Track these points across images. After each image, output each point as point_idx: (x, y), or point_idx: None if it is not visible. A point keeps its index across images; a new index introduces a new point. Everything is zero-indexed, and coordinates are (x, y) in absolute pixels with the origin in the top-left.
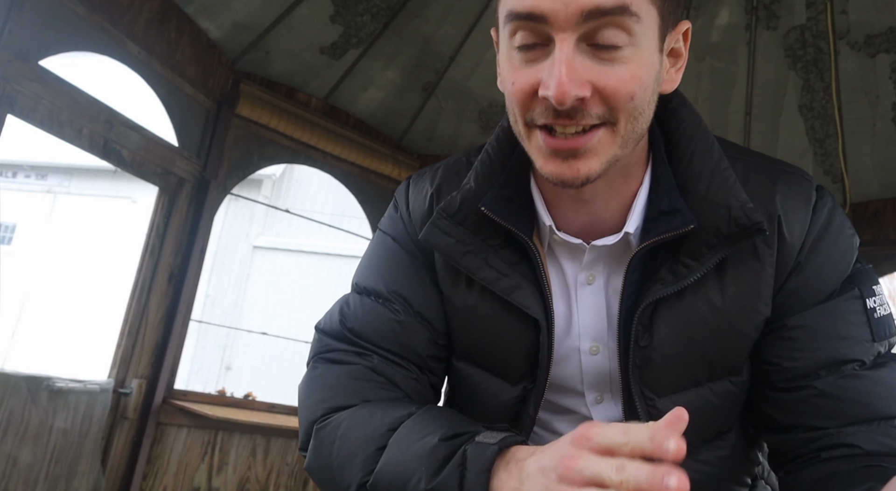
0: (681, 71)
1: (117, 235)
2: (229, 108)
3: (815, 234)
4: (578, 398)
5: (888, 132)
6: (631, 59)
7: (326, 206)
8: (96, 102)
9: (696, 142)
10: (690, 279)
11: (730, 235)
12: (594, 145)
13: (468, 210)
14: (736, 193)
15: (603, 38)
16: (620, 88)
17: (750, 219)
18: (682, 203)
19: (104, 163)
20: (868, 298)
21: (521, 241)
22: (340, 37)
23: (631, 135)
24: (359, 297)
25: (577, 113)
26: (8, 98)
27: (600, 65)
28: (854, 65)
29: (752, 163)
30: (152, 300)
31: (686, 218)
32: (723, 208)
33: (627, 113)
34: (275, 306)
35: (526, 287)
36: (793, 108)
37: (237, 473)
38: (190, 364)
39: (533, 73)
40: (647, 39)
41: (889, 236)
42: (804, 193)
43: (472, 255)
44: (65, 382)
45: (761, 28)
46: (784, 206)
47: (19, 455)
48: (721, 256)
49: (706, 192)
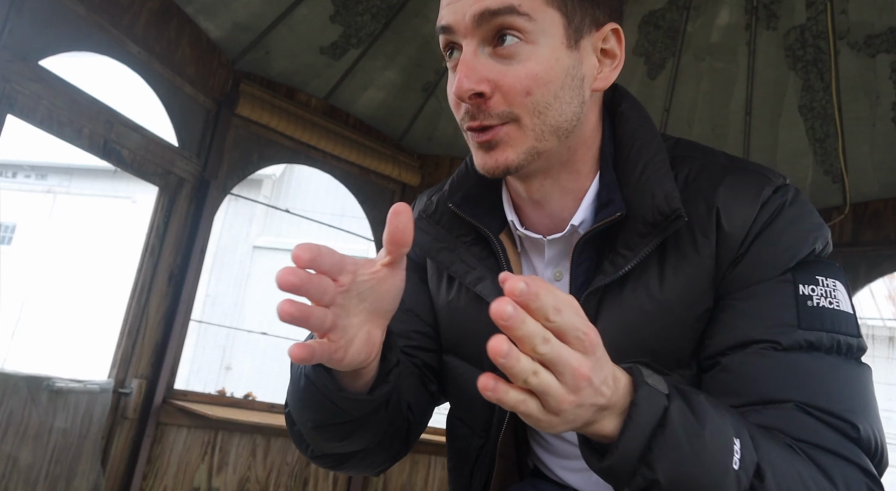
0: (616, 69)
1: (117, 235)
2: (229, 108)
3: (760, 225)
4: None
5: (888, 132)
6: (528, 57)
7: (326, 206)
8: (96, 102)
9: (637, 137)
10: (626, 268)
11: (654, 224)
12: (502, 138)
13: (442, 209)
14: (663, 183)
15: (499, 39)
16: (516, 85)
17: (670, 206)
18: (618, 193)
19: (104, 163)
20: (802, 284)
21: (486, 236)
22: (340, 37)
23: (543, 128)
24: None
25: (479, 113)
26: (8, 98)
27: (500, 64)
28: (854, 65)
29: (712, 163)
30: (152, 300)
31: (616, 206)
32: (648, 196)
33: (528, 108)
34: (275, 306)
35: (489, 279)
36: (793, 108)
37: (237, 473)
38: (190, 364)
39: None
40: (547, 38)
41: (889, 236)
42: (754, 187)
43: (447, 251)
44: (65, 382)
45: (761, 28)
46: (726, 198)
47: (19, 455)
48: (653, 246)
49: (637, 181)
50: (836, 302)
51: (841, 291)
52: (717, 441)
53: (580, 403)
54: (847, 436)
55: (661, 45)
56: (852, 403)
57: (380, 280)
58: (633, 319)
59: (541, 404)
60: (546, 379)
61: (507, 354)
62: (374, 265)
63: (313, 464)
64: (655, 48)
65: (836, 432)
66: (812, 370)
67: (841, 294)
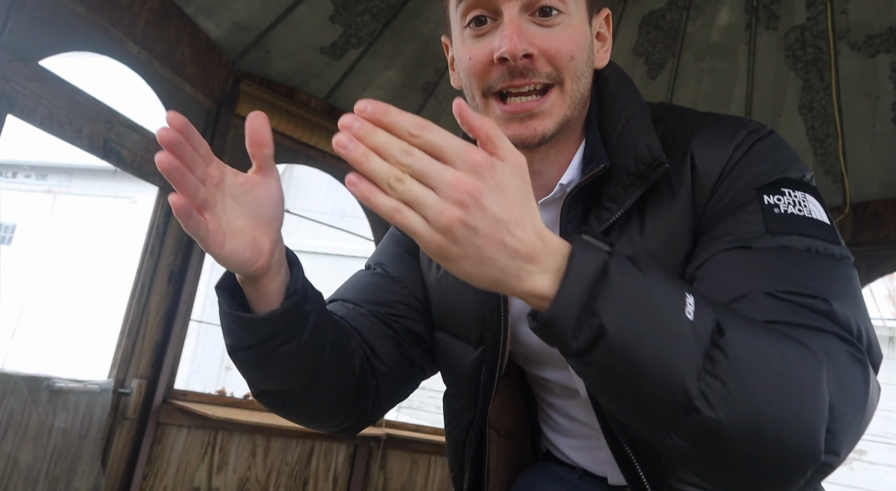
0: (608, 51)
1: (117, 235)
2: (229, 108)
3: (733, 164)
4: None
5: (888, 132)
6: (567, 25)
7: (326, 206)
8: (96, 102)
9: (620, 96)
10: (611, 220)
11: (638, 173)
12: (548, 107)
13: None
14: (644, 135)
15: (542, 12)
16: (562, 49)
17: (652, 154)
18: (602, 149)
19: (104, 163)
20: (767, 195)
21: None
22: (340, 37)
23: (576, 95)
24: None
25: (528, 72)
26: (8, 98)
27: (542, 30)
28: (854, 65)
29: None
30: (152, 300)
31: (601, 160)
32: (631, 149)
33: (571, 72)
34: None
35: None
36: (793, 108)
37: (237, 473)
38: (190, 364)
39: (486, 45)
40: (578, 12)
41: (889, 236)
42: (728, 132)
43: None
44: (65, 382)
45: (761, 28)
46: (699, 144)
47: (19, 455)
48: (637, 195)
49: (619, 135)
50: (807, 210)
51: (812, 202)
52: (665, 289)
53: (469, 222)
54: (819, 311)
55: (661, 45)
56: (828, 288)
57: (253, 186)
58: None
59: (424, 220)
60: (414, 187)
61: (345, 144)
62: (246, 174)
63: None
64: (655, 48)
65: (808, 310)
66: (782, 263)
67: (812, 205)
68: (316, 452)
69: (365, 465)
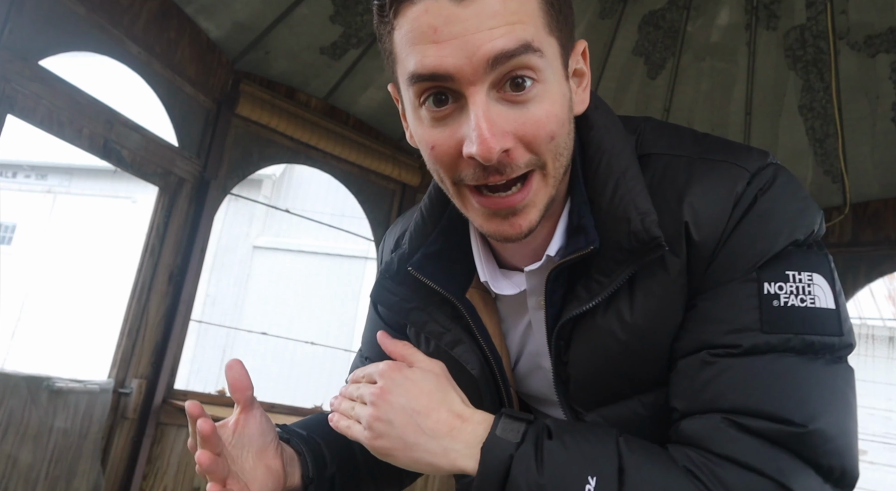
0: (587, 89)
1: (117, 235)
2: (229, 108)
3: (732, 226)
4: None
5: (888, 132)
6: (543, 96)
7: (326, 206)
8: (96, 102)
9: (605, 147)
10: (603, 295)
11: (632, 251)
12: (531, 198)
13: (404, 271)
14: (638, 204)
15: (512, 82)
16: (539, 132)
17: (649, 234)
18: (590, 219)
19: (104, 163)
20: (768, 282)
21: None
22: (340, 37)
23: (559, 170)
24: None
25: (505, 167)
26: (8, 98)
27: (515, 111)
28: (854, 65)
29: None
30: (152, 300)
31: (589, 237)
32: (623, 222)
33: (552, 153)
34: (275, 306)
35: (466, 342)
36: (793, 108)
37: None
38: (190, 364)
39: (451, 133)
40: (553, 71)
41: (889, 236)
42: (725, 188)
43: (418, 310)
44: (65, 382)
45: (761, 28)
46: (692, 211)
47: (19, 455)
48: (630, 272)
49: (609, 204)
50: (812, 298)
51: (820, 285)
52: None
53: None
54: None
55: (661, 45)
56: (805, 403)
57: (244, 426)
58: (606, 346)
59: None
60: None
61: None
62: (231, 420)
63: None
64: (655, 48)
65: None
66: (763, 374)
67: (819, 289)
68: None
69: None
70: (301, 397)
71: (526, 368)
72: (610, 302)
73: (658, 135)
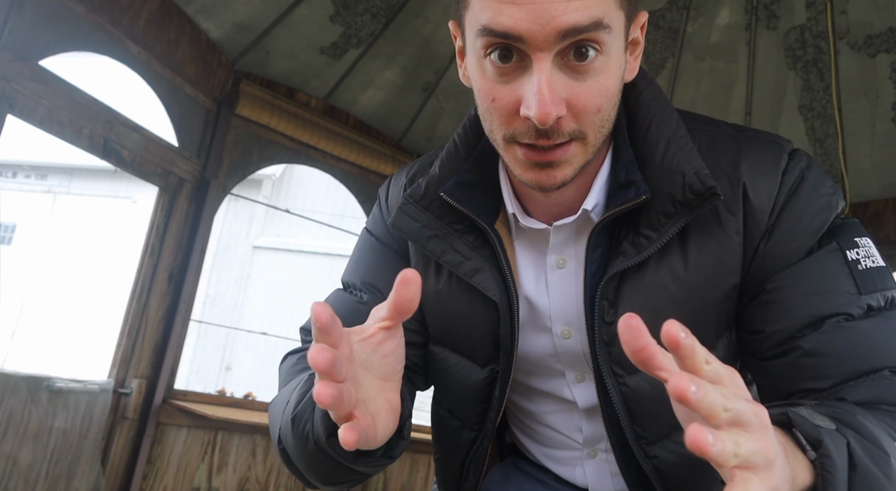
0: (639, 58)
1: (117, 235)
2: (229, 108)
3: (785, 196)
4: (559, 378)
5: (888, 132)
6: (601, 70)
7: (326, 207)
8: (96, 102)
9: (654, 112)
10: (651, 250)
11: (685, 202)
12: (568, 157)
13: (432, 195)
14: (691, 160)
15: (576, 51)
16: (589, 104)
17: (704, 184)
18: (638, 174)
19: (104, 163)
20: (848, 250)
21: (481, 228)
22: (340, 37)
23: (599, 140)
24: (337, 292)
25: (552, 133)
26: (8, 98)
27: (573, 81)
28: (854, 65)
29: (720, 133)
30: (152, 300)
31: (640, 189)
32: (677, 175)
33: (595, 126)
34: (275, 306)
35: (487, 270)
36: (793, 108)
37: (237, 473)
38: (190, 364)
39: (512, 91)
40: (616, 46)
41: (889, 236)
42: (772, 157)
43: (438, 239)
44: (65, 382)
45: (761, 28)
46: (749, 173)
47: (19, 455)
48: (680, 225)
49: (661, 160)
50: (877, 259)
51: (873, 246)
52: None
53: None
54: None
55: (661, 45)
56: None
57: (379, 344)
58: (656, 301)
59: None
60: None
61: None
62: (367, 331)
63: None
64: (655, 48)
65: None
66: (885, 332)
67: (874, 250)
68: None
69: None
70: None
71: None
72: (662, 258)
73: (691, 116)
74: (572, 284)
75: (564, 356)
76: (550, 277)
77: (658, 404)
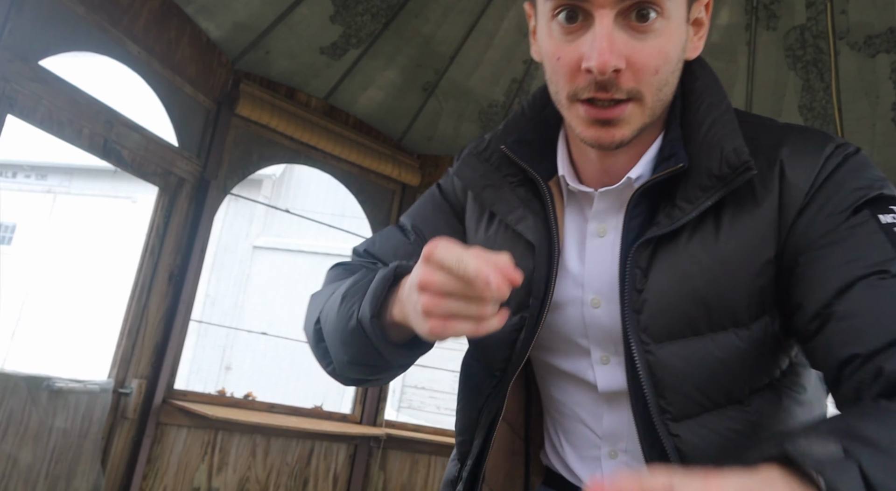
0: (703, 39)
1: (117, 235)
2: (229, 108)
3: (825, 176)
4: (584, 358)
5: (888, 132)
6: (661, 32)
7: (326, 207)
8: (96, 102)
9: (706, 96)
10: (684, 220)
11: (721, 176)
12: (626, 117)
13: (493, 149)
14: (732, 137)
15: (638, 13)
16: (648, 63)
17: (739, 158)
18: (682, 148)
19: (104, 163)
20: (882, 215)
21: (534, 180)
22: (340, 37)
23: (657, 105)
24: (392, 228)
25: (611, 86)
26: (8, 98)
27: (634, 39)
28: (854, 65)
29: (770, 124)
30: (152, 300)
31: (679, 158)
32: (716, 150)
33: (653, 87)
34: (275, 306)
35: (531, 219)
36: (793, 108)
37: (237, 473)
38: (190, 364)
39: (575, 48)
40: (677, 12)
41: None
42: (816, 144)
43: (492, 188)
44: (65, 382)
45: (761, 28)
46: (789, 154)
47: (19, 455)
48: (716, 199)
49: (704, 136)
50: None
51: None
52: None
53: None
54: None
55: None
56: None
57: None
58: (686, 270)
59: None
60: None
61: None
62: None
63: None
64: None
65: None
66: None
67: None
68: (316, 452)
69: (365, 465)
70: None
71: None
72: (696, 229)
73: (747, 112)
74: (608, 252)
75: (592, 330)
76: (589, 245)
77: (687, 381)
